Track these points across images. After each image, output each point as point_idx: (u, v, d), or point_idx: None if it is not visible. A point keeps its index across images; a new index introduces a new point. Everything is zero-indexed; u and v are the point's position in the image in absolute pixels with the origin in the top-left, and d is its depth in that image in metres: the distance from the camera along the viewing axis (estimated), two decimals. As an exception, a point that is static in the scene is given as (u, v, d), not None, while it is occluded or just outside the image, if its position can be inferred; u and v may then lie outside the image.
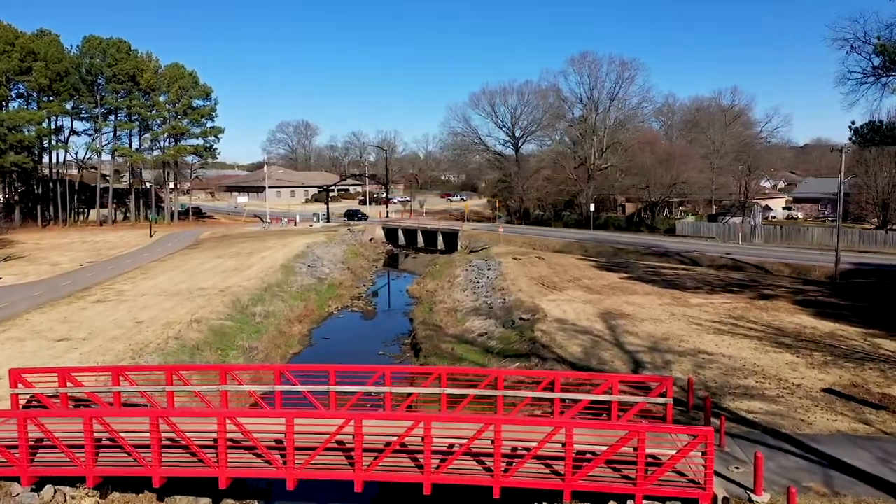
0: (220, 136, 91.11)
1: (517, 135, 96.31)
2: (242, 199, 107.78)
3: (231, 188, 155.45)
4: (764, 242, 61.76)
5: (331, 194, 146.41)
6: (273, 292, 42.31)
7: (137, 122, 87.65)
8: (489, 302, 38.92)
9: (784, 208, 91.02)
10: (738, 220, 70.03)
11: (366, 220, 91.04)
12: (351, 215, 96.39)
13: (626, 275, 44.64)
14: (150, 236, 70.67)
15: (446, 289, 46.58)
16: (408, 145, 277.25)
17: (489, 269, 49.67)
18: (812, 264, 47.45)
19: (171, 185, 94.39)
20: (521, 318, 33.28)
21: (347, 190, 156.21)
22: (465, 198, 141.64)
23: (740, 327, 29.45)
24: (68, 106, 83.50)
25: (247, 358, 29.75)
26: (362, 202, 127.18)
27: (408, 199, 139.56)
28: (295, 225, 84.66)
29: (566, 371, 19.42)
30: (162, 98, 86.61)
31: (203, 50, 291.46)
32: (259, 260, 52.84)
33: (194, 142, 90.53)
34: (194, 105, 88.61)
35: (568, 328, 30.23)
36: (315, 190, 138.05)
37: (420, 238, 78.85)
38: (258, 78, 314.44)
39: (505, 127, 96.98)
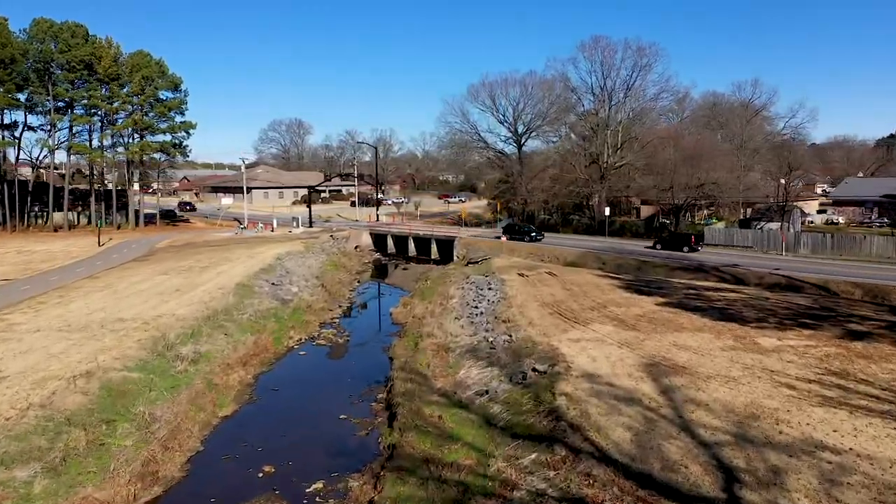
0: (190, 131, 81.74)
1: (520, 130, 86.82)
2: (227, 200, 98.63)
3: (216, 189, 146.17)
4: (811, 253, 52.61)
5: (322, 195, 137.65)
6: (217, 322, 33.31)
7: (98, 117, 78.46)
8: (491, 339, 29.90)
9: (818, 211, 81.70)
10: (774, 226, 60.97)
11: (542, 239, 62.78)
12: (514, 232, 64.25)
13: (662, 299, 35.59)
14: (99, 245, 61.46)
15: (437, 315, 37.57)
16: (404, 144, 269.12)
17: (490, 289, 40.76)
18: (889, 284, 38.57)
19: (137, 185, 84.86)
20: (534, 370, 24.27)
21: (340, 191, 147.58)
22: (463, 199, 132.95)
23: (853, 392, 20.41)
24: (21, 98, 74.65)
25: (143, 435, 20.73)
26: (353, 203, 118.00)
27: (403, 200, 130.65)
28: (272, 231, 75.52)
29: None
30: (124, 90, 77.27)
31: (197, 49, 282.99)
32: (213, 276, 43.78)
33: (161, 138, 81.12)
34: (161, 97, 79.34)
35: (603, 391, 21.22)
36: (305, 191, 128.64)
37: (412, 246, 69.70)
38: (252, 76, 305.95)
39: (507, 122, 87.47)
